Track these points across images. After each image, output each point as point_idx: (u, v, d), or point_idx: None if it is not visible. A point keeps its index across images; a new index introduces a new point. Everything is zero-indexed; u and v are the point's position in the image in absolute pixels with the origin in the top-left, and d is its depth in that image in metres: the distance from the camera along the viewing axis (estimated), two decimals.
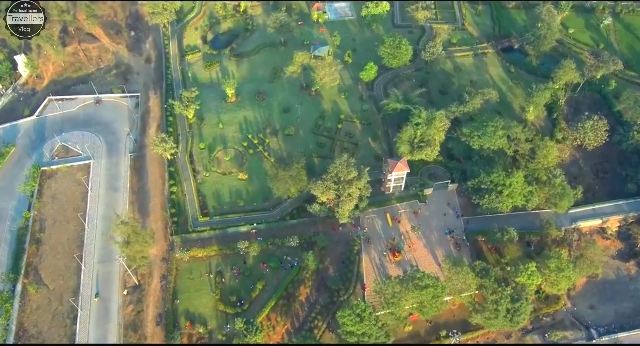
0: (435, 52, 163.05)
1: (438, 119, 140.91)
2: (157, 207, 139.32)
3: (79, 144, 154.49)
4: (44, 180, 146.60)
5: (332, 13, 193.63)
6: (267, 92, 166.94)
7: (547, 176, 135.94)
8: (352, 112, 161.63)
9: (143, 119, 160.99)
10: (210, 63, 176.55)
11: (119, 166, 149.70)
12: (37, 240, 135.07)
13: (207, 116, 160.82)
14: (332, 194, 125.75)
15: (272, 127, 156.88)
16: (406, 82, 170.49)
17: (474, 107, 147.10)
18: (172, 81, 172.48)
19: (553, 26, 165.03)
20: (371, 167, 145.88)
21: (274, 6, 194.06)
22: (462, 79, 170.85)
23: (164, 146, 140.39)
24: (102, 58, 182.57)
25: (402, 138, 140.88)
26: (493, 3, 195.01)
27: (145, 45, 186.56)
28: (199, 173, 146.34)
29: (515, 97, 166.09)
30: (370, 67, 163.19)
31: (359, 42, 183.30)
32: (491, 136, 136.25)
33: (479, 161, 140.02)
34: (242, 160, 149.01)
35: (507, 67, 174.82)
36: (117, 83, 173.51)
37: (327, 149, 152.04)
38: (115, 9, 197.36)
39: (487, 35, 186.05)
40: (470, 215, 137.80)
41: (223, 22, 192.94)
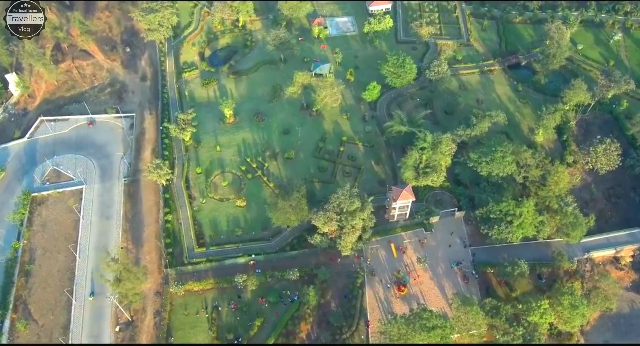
0: (440, 71, 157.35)
1: (444, 143, 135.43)
2: (151, 236, 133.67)
3: (71, 169, 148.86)
4: (34, 207, 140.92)
5: (333, 28, 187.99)
6: (267, 112, 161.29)
7: (559, 204, 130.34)
8: (354, 134, 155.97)
9: (138, 141, 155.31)
10: (208, 81, 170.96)
11: (112, 191, 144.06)
12: (27, 272, 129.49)
13: (204, 137, 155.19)
14: (334, 225, 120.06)
15: (271, 150, 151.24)
16: (410, 101, 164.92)
17: (482, 131, 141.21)
18: (169, 100, 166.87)
19: (562, 44, 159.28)
20: (374, 192, 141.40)
21: (274, 21, 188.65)
22: (468, 98, 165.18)
23: (158, 172, 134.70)
24: (96, 76, 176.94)
25: (406, 163, 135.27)
26: (499, 18, 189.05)
27: (141, 62, 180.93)
28: (195, 200, 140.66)
29: (524, 118, 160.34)
30: (373, 87, 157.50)
31: (362, 59, 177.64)
32: (500, 162, 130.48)
33: (487, 188, 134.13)
34: (241, 185, 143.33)
35: (515, 86, 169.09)
36: (112, 102, 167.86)
37: (328, 173, 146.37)
38: (110, 25, 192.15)
39: (493, 51, 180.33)
40: (478, 245, 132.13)
41: (221, 37, 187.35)
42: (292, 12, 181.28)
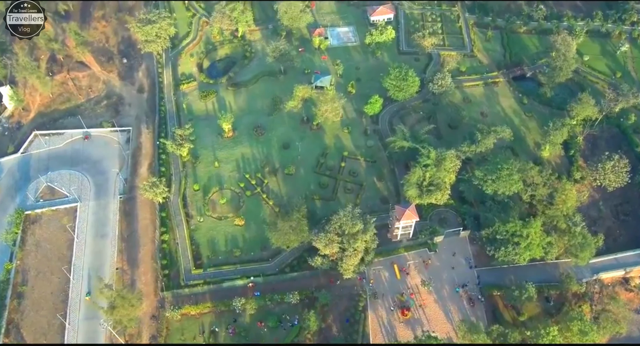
0: (444, 84, 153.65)
1: (448, 159, 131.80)
2: (147, 257, 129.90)
3: (65, 185, 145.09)
4: (28, 226, 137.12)
5: (334, 39, 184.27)
6: (266, 126, 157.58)
7: (567, 223, 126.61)
8: (355, 149, 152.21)
9: (134, 156, 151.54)
10: (206, 93, 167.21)
11: (108, 209, 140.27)
12: (19, 294, 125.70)
13: (202, 153, 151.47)
14: (336, 247, 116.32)
15: (271, 166, 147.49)
16: (413, 115, 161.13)
17: (487, 148, 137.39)
18: (166, 114, 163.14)
19: (569, 56, 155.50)
20: (376, 210, 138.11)
21: (274, 31, 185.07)
22: (472, 112, 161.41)
23: (154, 190, 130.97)
24: (92, 88, 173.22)
25: (410, 181, 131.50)
26: (504, 28, 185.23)
27: (138, 73, 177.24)
28: (192, 218, 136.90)
29: (529, 132, 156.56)
30: (375, 101, 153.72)
31: (363, 71, 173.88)
32: (506, 181, 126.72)
33: (493, 207, 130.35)
34: (239, 203, 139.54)
35: (520, 98, 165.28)
36: (108, 115, 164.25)
37: (329, 190, 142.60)
38: (107, 35, 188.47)
39: (497, 62, 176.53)
40: (484, 265, 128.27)
41: (220, 48, 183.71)
42: (292, 23, 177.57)
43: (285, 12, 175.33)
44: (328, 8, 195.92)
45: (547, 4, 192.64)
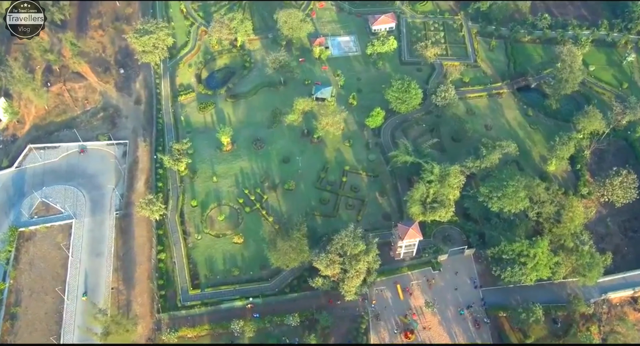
0: (447, 96, 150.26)
1: (452, 175, 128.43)
2: (143, 276, 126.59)
3: (60, 201, 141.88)
4: (22, 243, 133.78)
5: (335, 48, 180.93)
6: (266, 139, 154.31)
7: (574, 242, 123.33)
8: (357, 163, 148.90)
9: (131, 171, 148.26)
10: (205, 105, 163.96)
11: (104, 226, 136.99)
12: (12, 315, 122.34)
13: (200, 167, 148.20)
14: (337, 268, 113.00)
15: (270, 181, 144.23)
16: (416, 127, 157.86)
17: (492, 163, 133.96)
18: (164, 126, 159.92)
19: (575, 68, 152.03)
20: (379, 227, 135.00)
21: (273, 40, 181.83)
22: (476, 124, 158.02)
23: (151, 208, 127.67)
24: (88, 99, 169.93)
25: (413, 197, 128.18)
26: (507, 37, 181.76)
27: (135, 84, 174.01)
28: (190, 236, 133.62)
29: (535, 145, 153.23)
30: (377, 113, 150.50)
31: (365, 82, 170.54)
32: (512, 198, 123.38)
33: (498, 224, 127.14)
34: (238, 219, 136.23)
35: (525, 110, 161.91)
36: (104, 128, 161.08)
37: (330, 206, 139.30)
38: (104, 45, 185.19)
39: (501, 72, 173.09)
40: (489, 285, 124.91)
41: (219, 58, 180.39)
42: (292, 33, 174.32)
43: (285, 21, 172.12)
44: (329, 17, 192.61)
45: (552, 13, 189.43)
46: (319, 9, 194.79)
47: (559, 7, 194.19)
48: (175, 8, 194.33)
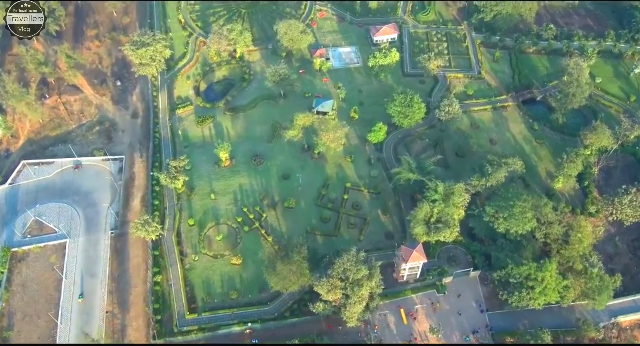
0: (451, 111, 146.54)
1: (457, 193, 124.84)
2: (138, 299, 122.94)
3: (54, 219, 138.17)
4: (14, 264, 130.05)
5: (336, 59, 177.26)
6: (265, 154, 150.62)
7: (583, 264, 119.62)
8: (359, 179, 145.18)
9: (126, 187, 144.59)
10: (203, 118, 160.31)
11: (98, 246, 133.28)
12: (4, 340, 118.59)
13: (197, 184, 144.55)
14: (339, 293, 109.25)
15: (270, 198, 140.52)
16: (419, 142, 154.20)
17: (498, 181, 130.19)
18: (161, 141, 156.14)
19: (582, 82, 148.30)
20: (381, 247, 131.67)
21: (273, 51, 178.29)
22: (481, 138, 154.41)
23: (146, 229, 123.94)
24: (84, 112, 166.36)
25: (416, 217, 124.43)
26: (512, 48, 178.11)
27: (132, 96, 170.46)
28: (187, 256, 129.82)
29: (540, 160, 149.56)
30: (379, 129, 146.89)
31: (366, 94, 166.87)
32: (519, 219, 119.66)
33: (505, 245, 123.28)
34: (236, 239, 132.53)
35: (530, 124, 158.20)
36: (100, 143, 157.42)
37: (331, 224, 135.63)
38: (100, 56, 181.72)
39: (506, 85, 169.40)
40: (496, 308, 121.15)
41: (217, 69, 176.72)
42: (292, 44, 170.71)
43: (285, 33, 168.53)
44: (329, 27, 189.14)
45: (557, 23, 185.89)
46: (319, 18, 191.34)
47: (564, 17, 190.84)
48: (174, 18, 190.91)
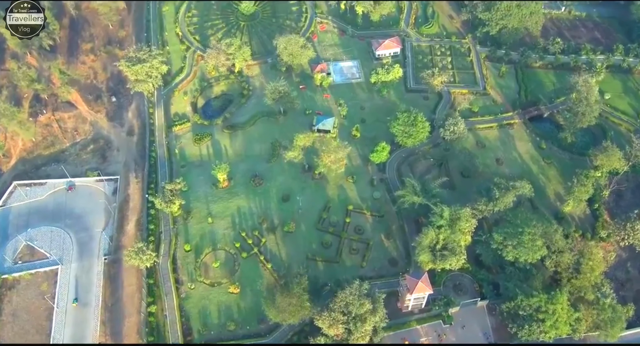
0: (456, 130, 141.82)
1: (463, 218, 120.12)
2: (132, 331, 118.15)
3: (46, 244, 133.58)
4: (4, 292, 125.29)
5: (337, 74, 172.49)
6: (264, 174, 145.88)
7: (595, 295, 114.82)
8: (361, 201, 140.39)
9: (121, 210, 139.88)
10: (201, 137, 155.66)
11: (91, 273, 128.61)
12: None
13: (194, 206, 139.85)
14: (341, 328, 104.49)
15: (269, 222, 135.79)
16: (423, 161, 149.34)
17: (506, 206, 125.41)
18: (157, 160, 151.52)
19: (591, 100, 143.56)
20: (384, 274, 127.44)
21: (273, 66, 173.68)
22: (487, 158, 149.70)
23: (140, 257, 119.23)
24: (78, 130, 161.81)
25: (421, 244, 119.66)
26: (518, 62, 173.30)
27: (128, 113, 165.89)
28: (182, 284, 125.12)
29: (549, 181, 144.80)
30: (381, 149, 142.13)
31: (369, 111, 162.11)
32: (528, 247, 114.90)
33: (514, 274, 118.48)
34: (234, 266, 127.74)
35: (538, 142, 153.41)
36: (94, 162, 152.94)
37: (333, 249, 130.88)
38: (95, 70, 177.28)
39: (512, 101, 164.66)
40: (504, 340, 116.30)
41: (215, 85, 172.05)
42: (292, 59, 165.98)
43: (284, 48, 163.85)
44: (330, 40, 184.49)
45: (564, 36, 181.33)
46: (320, 31, 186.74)
47: (571, 30, 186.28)
48: (171, 31, 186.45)
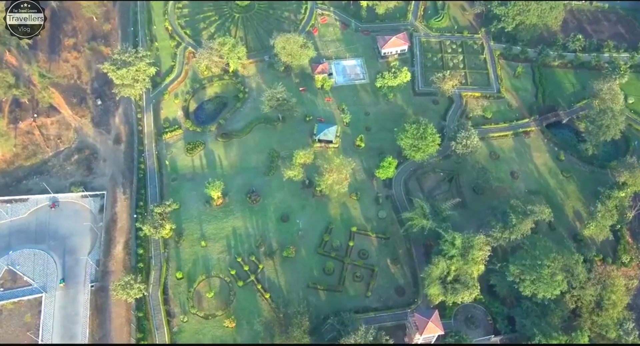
0: (469, 144, 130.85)
1: (477, 246, 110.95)
2: None
3: (29, 269, 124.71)
4: None
5: (339, 75, 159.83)
6: (262, 189, 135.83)
7: (617, 332, 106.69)
8: (365, 221, 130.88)
9: (108, 231, 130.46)
10: (193, 146, 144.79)
11: (77, 302, 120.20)
12: None
13: (186, 226, 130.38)
14: None
15: (267, 245, 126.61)
16: (432, 175, 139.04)
17: (523, 234, 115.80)
18: (146, 172, 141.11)
19: (616, 110, 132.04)
20: (391, 304, 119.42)
21: (270, 65, 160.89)
22: (501, 171, 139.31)
23: (128, 292, 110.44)
24: (62, 138, 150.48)
25: (431, 276, 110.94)
26: (535, 61, 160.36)
27: (114, 118, 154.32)
28: (175, 317, 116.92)
29: (568, 197, 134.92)
30: (388, 164, 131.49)
31: (373, 117, 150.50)
32: (548, 283, 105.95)
33: (530, 309, 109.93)
34: (230, 296, 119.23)
35: (556, 153, 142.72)
36: (79, 174, 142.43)
37: (335, 276, 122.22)
38: (78, 69, 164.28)
39: (528, 105, 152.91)
40: None
41: (209, 86, 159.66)
42: (291, 59, 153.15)
43: (283, 48, 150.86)
44: (332, 35, 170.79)
45: (585, 31, 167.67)
46: (321, 24, 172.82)
47: (593, 24, 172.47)
48: (160, 25, 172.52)
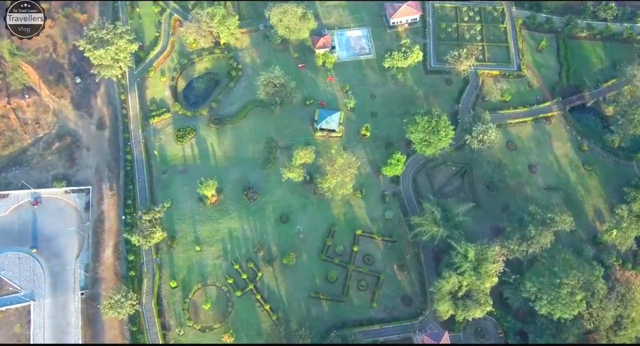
0: (486, 139, 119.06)
1: (491, 258, 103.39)
2: None
3: (15, 274, 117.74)
4: None
5: (343, 48, 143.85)
6: (259, 185, 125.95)
7: None
8: (371, 222, 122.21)
9: (96, 232, 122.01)
10: (183, 133, 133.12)
11: (67, 310, 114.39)
12: None
13: (179, 228, 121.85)
14: None
15: (266, 249, 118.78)
16: (443, 169, 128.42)
17: (543, 247, 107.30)
18: (133, 165, 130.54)
19: None
20: (397, 315, 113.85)
21: (265, 37, 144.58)
22: (518, 163, 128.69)
23: (118, 311, 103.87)
24: (40, 122, 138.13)
25: (441, 291, 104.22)
26: (561, 31, 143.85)
27: (96, 99, 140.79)
28: (170, 330, 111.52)
29: (589, 194, 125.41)
30: (396, 161, 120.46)
31: (380, 101, 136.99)
32: (566, 303, 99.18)
33: (545, 328, 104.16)
34: (227, 306, 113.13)
35: (578, 142, 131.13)
36: (61, 165, 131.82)
37: (339, 285, 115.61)
38: (54, 40, 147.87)
39: (551, 85, 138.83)
40: None
41: (198, 61, 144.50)
42: (289, 33, 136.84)
43: (279, 20, 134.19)
44: None
45: None
46: None
47: None
48: None
